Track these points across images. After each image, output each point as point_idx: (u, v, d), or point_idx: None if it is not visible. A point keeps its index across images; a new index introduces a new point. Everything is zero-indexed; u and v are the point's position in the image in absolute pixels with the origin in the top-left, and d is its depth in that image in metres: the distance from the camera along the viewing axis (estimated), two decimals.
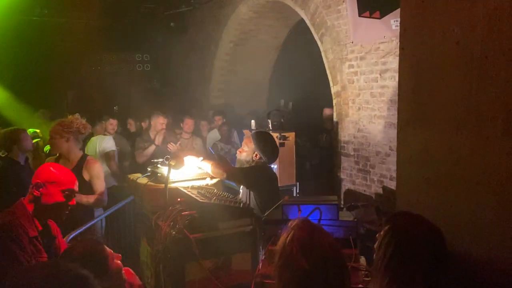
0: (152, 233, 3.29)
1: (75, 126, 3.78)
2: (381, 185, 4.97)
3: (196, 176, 3.79)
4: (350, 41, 5.19)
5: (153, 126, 5.76)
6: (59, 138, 3.72)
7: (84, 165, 3.78)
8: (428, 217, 1.82)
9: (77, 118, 3.86)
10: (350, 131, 5.36)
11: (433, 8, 1.95)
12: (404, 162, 2.24)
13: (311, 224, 1.73)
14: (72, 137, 3.75)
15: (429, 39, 1.97)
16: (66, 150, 3.77)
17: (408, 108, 2.14)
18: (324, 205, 2.47)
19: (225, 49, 8.74)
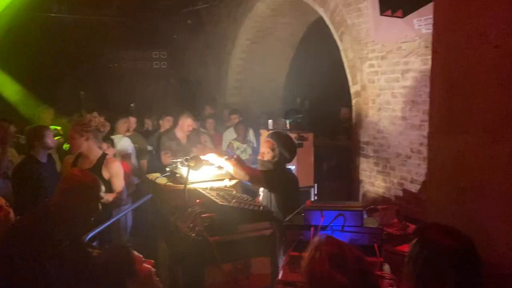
0: (171, 234, 3.27)
1: (94, 125, 3.77)
2: (401, 187, 4.87)
3: (215, 177, 3.76)
4: (371, 40, 5.09)
5: (180, 126, 5.73)
6: (78, 137, 3.72)
7: (103, 164, 3.78)
8: (460, 227, 1.75)
9: (96, 116, 3.85)
10: (370, 132, 5.26)
11: (469, 10, 1.86)
12: (435, 169, 2.16)
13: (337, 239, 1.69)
14: (92, 135, 3.75)
15: (464, 42, 1.89)
16: (86, 149, 3.77)
17: (440, 113, 2.06)
18: (348, 211, 2.40)
19: (242, 47, 8.69)
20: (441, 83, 2.06)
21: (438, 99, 2.08)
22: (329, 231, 2.37)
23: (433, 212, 2.13)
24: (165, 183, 3.52)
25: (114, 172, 3.79)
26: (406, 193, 4.82)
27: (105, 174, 3.75)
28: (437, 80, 2.07)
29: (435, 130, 2.12)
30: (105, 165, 3.77)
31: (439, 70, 2.05)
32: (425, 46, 4.47)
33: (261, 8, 7.64)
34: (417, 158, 4.65)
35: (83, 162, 3.82)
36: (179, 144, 5.60)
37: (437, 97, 2.08)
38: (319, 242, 1.64)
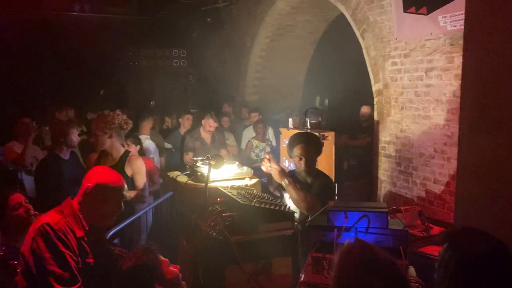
0: (192, 233, 3.26)
1: (117, 122, 3.79)
2: (424, 188, 4.78)
3: (235, 175, 3.74)
4: (394, 38, 5.00)
5: (203, 126, 5.73)
6: (102, 134, 3.74)
7: (126, 161, 3.80)
8: (491, 230, 1.69)
9: (119, 114, 3.87)
10: (392, 131, 5.17)
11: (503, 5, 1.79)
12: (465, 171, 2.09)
13: (368, 242, 1.63)
14: (115, 133, 3.77)
15: (498, 38, 1.82)
16: (109, 146, 3.80)
17: (472, 113, 1.99)
18: (372, 212, 2.35)
19: (261, 45, 8.66)
20: (473, 82, 1.98)
21: (469, 99, 2.01)
22: (353, 233, 2.32)
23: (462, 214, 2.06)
24: (185, 181, 3.51)
25: (137, 169, 3.81)
26: (429, 194, 4.72)
27: (128, 171, 3.77)
28: (469, 78, 2.00)
29: (466, 130, 2.04)
30: (128, 162, 3.79)
31: (471, 68, 1.98)
32: (450, 43, 4.37)
33: (281, 5, 7.59)
34: (441, 158, 4.55)
35: (106, 159, 3.84)
36: (203, 144, 5.61)
37: (469, 97, 2.01)
38: (350, 246, 1.59)
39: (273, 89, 9.20)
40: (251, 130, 6.88)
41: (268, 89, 9.19)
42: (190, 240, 3.30)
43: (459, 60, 4.26)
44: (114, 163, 3.77)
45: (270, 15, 7.95)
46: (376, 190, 5.50)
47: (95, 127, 3.78)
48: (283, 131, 5.33)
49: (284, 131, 5.30)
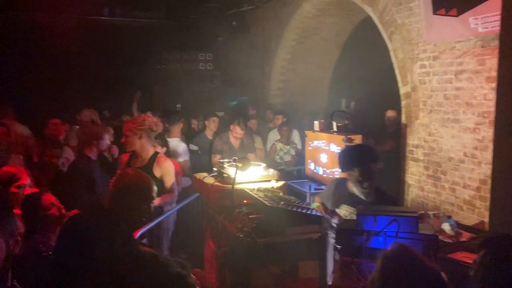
0: (218, 234, 3.29)
1: (147, 124, 3.87)
2: (453, 193, 4.68)
3: (261, 178, 3.75)
4: (423, 40, 4.92)
5: (231, 130, 5.79)
6: (132, 135, 3.82)
7: (155, 162, 3.87)
8: None
9: (149, 116, 3.95)
10: (420, 134, 5.09)
11: None
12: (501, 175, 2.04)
13: (411, 248, 1.59)
14: (145, 134, 3.85)
15: None
16: (139, 147, 3.87)
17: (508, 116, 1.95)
18: (402, 217, 2.32)
19: (286, 47, 8.66)
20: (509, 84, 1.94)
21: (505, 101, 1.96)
22: (383, 237, 2.30)
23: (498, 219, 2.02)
24: (212, 183, 3.55)
25: (166, 170, 3.87)
26: (458, 199, 4.62)
27: (157, 172, 3.83)
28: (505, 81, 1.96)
29: (502, 133, 2.00)
30: (157, 163, 3.86)
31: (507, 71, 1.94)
32: (481, 45, 4.27)
33: (306, 8, 7.58)
34: (471, 163, 4.45)
35: (136, 160, 3.92)
36: (231, 147, 5.66)
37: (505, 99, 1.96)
38: (393, 252, 1.57)
39: (297, 92, 9.18)
40: (276, 132, 6.88)
41: (293, 91, 9.18)
42: (217, 242, 3.33)
43: (490, 62, 4.17)
44: (143, 164, 3.85)
45: (295, 18, 7.95)
46: (403, 194, 5.42)
47: (125, 128, 3.86)
48: (308, 134, 5.31)
49: (309, 134, 5.29)
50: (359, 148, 3.44)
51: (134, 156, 3.94)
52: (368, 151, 3.38)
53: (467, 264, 2.89)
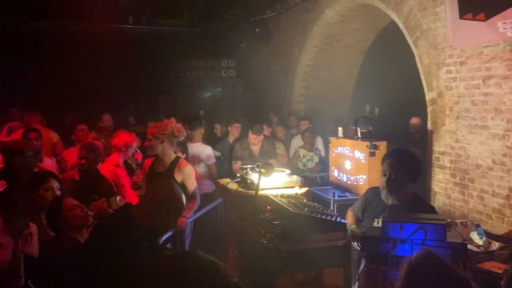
0: (242, 240, 3.29)
1: (170, 129, 3.93)
2: (481, 201, 4.56)
3: (284, 184, 3.75)
4: (449, 45, 4.84)
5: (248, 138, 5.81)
6: (154, 139, 3.90)
7: (176, 167, 3.91)
8: None
9: (173, 122, 4.01)
10: (447, 141, 4.99)
11: None
12: None
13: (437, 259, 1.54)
14: (167, 139, 3.91)
15: None
16: (161, 151, 3.94)
17: None
18: (429, 224, 2.28)
19: (309, 53, 8.64)
20: None
21: None
22: (409, 245, 2.26)
23: None
24: (236, 189, 3.56)
25: (187, 174, 3.92)
26: (487, 207, 4.50)
27: (178, 177, 3.88)
28: None
29: None
30: (178, 168, 3.91)
31: None
32: (510, 50, 4.18)
33: (329, 14, 7.56)
34: (500, 170, 4.34)
35: (158, 164, 3.98)
36: (251, 154, 5.66)
37: None
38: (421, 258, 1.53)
39: (320, 98, 9.14)
40: (299, 139, 6.85)
41: (316, 97, 9.14)
42: (240, 247, 3.33)
43: None
44: (164, 169, 3.91)
45: (318, 24, 7.94)
46: (429, 202, 5.31)
47: (149, 132, 3.95)
48: (332, 140, 5.28)
49: (333, 140, 5.25)
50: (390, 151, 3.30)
51: (157, 160, 4.01)
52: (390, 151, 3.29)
53: (497, 274, 2.80)
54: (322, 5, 7.61)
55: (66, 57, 9.41)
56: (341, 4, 7.09)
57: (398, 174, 2.96)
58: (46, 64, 9.78)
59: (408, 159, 3.04)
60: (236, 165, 5.57)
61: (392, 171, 2.98)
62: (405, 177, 2.97)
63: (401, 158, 3.03)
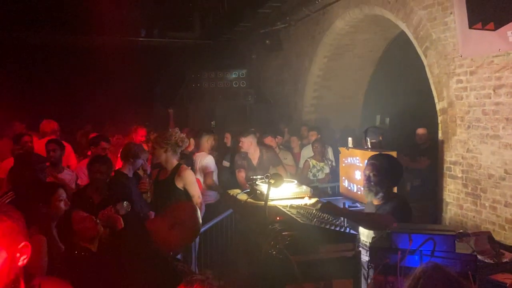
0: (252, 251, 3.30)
1: (174, 139, 4.03)
2: (494, 211, 4.51)
3: (294, 194, 3.75)
4: (459, 55, 4.84)
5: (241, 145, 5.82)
6: (158, 148, 4.00)
7: (176, 173, 3.98)
8: None
9: (177, 132, 4.11)
10: (458, 151, 4.96)
11: None
12: None
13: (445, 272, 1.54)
14: (170, 148, 4.01)
15: None
16: (164, 160, 4.04)
17: None
18: (439, 235, 2.26)
19: (319, 64, 8.69)
20: None
21: None
22: (418, 256, 2.25)
23: None
24: (245, 199, 3.57)
25: (188, 180, 3.98)
26: (499, 218, 4.45)
27: (179, 183, 3.96)
28: None
29: None
30: (178, 175, 3.98)
31: None
32: None
33: (339, 25, 7.61)
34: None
35: (162, 172, 4.08)
36: (249, 163, 5.63)
37: None
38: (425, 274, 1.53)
39: (331, 108, 9.16)
40: (310, 149, 6.85)
41: (326, 108, 9.16)
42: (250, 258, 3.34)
43: None
44: (166, 176, 3.99)
45: (328, 35, 7.99)
46: (441, 213, 5.27)
47: (154, 141, 4.04)
48: (342, 151, 5.28)
49: (343, 151, 5.25)
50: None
51: (162, 169, 4.09)
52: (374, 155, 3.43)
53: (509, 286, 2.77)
54: (332, 16, 7.66)
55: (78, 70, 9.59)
56: (350, 15, 7.13)
57: (376, 174, 3.13)
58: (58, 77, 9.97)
59: (388, 163, 3.19)
60: (239, 174, 5.56)
61: (371, 171, 3.15)
62: (382, 178, 3.12)
63: (380, 160, 3.20)
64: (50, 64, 9.99)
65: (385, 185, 3.15)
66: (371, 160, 3.27)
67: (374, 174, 3.14)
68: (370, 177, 3.16)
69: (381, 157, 3.30)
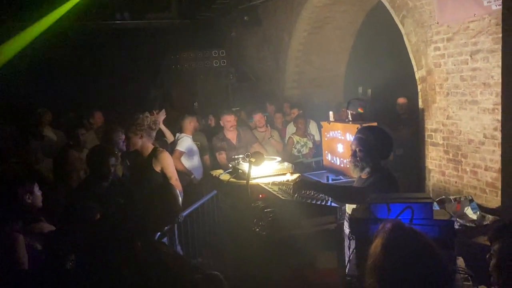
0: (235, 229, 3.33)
1: (146, 124, 4.03)
2: (474, 176, 4.59)
3: (276, 171, 3.77)
4: (435, 22, 4.82)
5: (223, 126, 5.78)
6: (133, 136, 4.00)
7: (154, 156, 3.98)
8: None
9: (147, 116, 4.09)
10: (438, 118, 5.00)
11: None
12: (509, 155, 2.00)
13: (403, 227, 1.63)
14: (145, 133, 4.00)
15: None
16: (141, 146, 4.03)
17: None
18: (416, 203, 2.29)
19: (299, 38, 8.59)
20: None
21: None
22: None
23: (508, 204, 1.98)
24: (228, 179, 3.59)
25: (164, 162, 4.01)
26: (480, 182, 4.53)
27: (157, 166, 3.99)
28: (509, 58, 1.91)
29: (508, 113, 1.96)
30: (155, 158, 3.99)
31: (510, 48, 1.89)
32: (496, 24, 4.16)
33: None
34: (492, 144, 4.35)
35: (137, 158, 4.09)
36: (229, 144, 5.61)
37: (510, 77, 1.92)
38: (385, 229, 1.63)
39: (313, 83, 9.12)
40: (293, 125, 6.85)
41: (309, 82, 9.12)
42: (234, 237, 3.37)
43: None
44: (144, 161, 3.99)
45: (306, 8, 7.88)
46: (424, 180, 5.34)
47: (127, 130, 4.01)
48: (324, 125, 5.28)
49: (325, 125, 5.25)
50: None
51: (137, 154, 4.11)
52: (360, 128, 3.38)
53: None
54: None
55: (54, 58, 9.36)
56: None
57: (361, 150, 3.04)
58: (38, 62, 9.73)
59: (374, 137, 3.07)
60: (221, 156, 5.54)
61: (356, 146, 3.07)
62: (368, 153, 3.03)
63: (366, 135, 3.09)
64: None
65: (371, 160, 3.05)
66: (357, 134, 3.17)
67: (359, 149, 3.05)
68: (356, 152, 3.08)
69: (368, 131, 3.18)
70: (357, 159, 3.08)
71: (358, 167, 3.09)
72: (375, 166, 3.07)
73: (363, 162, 3.06)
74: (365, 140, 3.07)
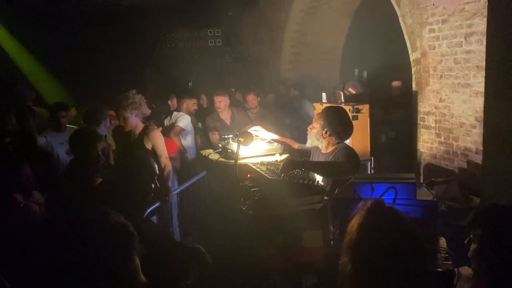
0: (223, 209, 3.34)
1: (138, 101, 4.01)
2: (465, 159, 4.60)
3: (265, 152, 3.77)
4: (431, 3, 4.77)
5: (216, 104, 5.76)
6: (130, 115, 4.01)
7: (145, 134, 3.98)
8: None
9: (134, 93, 4.08)
10: (431, 101, 4.98)
11: None
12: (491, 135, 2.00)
13: (382, 206, 1.64)
14: (138, 112, 3.99)
15: None
16: (135, 124, 4.00)
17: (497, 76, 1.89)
18: (399, 183, 2.30)
19: (296, 19, 8.51)
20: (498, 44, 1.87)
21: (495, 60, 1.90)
22: None
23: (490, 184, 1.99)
24: (217, 159, 3.58)
25: (155, 140, 4.01)
26: (471, 165, 4.54)
27: (148, 144, 3.99)
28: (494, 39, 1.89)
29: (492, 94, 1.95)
30: (146, 136, 3.99)
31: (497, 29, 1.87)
32: None
33: None
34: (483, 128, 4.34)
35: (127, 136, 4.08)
36: (223, 124, 5.60)
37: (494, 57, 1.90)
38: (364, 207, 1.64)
39: (309, 64, 9.06)
40: None
41: (305, 64, 9.06)
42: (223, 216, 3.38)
43: None
44: (135, 139, 3.99)
45: None
46: (416, 163, 5.36)
47: (123, 110, 3.96)
48: (316, 106, 5.27)
49: (317, 106, 5.24)
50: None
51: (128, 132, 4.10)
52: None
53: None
54: None
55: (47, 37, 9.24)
56: None
57: (319, 125, 3.29)
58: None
59: (331, 115, 3.29)
60: (214, 136, 5.54)
61: (316, 122, 3.33)
62: (325, 129, 3.27)
63: (325, 112, 3.33)
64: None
65: (328, 136, 3.28)
66: (321, 111, 3.39)
67: (315, 125, 3.31)
68: (313, 128, 3.33)
69: (331, 110, 3.37)
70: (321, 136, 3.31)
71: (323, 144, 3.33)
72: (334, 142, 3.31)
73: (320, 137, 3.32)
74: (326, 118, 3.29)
